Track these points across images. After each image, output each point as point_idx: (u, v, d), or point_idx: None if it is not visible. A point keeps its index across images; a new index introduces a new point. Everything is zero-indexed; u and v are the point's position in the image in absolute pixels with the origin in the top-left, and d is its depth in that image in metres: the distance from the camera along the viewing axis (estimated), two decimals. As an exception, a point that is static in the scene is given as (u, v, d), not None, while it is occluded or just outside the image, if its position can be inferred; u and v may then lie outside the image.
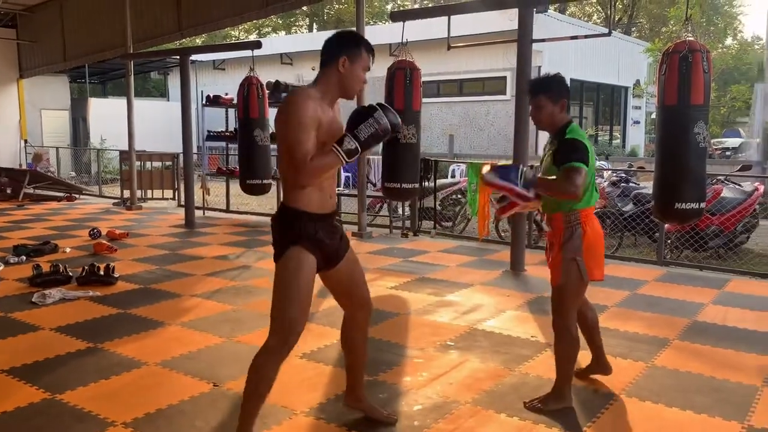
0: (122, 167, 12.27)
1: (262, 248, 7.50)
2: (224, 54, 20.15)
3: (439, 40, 7.56)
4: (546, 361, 3.93)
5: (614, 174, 8.99)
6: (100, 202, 12.56)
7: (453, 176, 11.75)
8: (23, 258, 6.69)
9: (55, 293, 5.25)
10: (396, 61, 6.32)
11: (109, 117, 18.07)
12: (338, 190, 2.96)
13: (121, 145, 12.80)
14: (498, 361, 3.93)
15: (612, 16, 18.32)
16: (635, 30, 33.29)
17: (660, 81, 4.65)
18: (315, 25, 36.31)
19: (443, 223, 9.15)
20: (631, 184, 8.62)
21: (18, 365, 3.82)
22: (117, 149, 13.76)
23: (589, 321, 3.51)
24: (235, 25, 23.77)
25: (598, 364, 3.58)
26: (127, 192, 11.63)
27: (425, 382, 3.60)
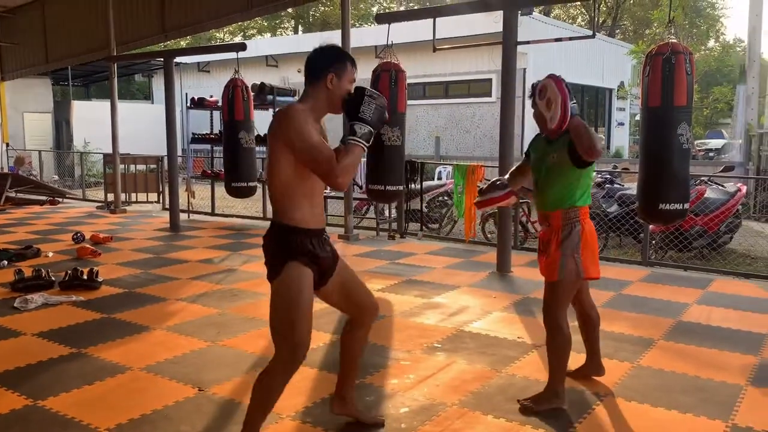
0: (106, 170, 12.17)
1: (248, 251, 7.47)
2: (209, 56, 20.02)
3: (425, 42, 7.56)
4: (533, 362, 3.94)
5: (599, 175, 9.04)
6: (84, 205, 12.45)
7: (439, 178, 11.78)
8: (5, 263, 6.59)
9: (37, 298, 5.18)
10: (381, 63, 6.32)
11: (92, 120, 17.93)
12: (324, 192, 2.95)
13: (105, 148, 12.69)
14: (485, 362, 3.93)
15: (596, 19, 18.43)
16: (619, 32, 33.55)
17: (644, 83, 4.69)
18: (300, 27, 36.26)
19: (430, 225, 9.16)
20: (615, 186, 8.68)
21: (-1, 371, 3.77)
22: (101, 152, 13.64)
23: (592, 321, 3.54)
24: (220, 27, 23.77)
25: (592, 365, 3.59)
26: (111, 195, 11.53)
27: (412, 385, 3.59)
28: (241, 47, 8.33)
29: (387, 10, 28.56)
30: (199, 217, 10.57)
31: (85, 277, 5.66)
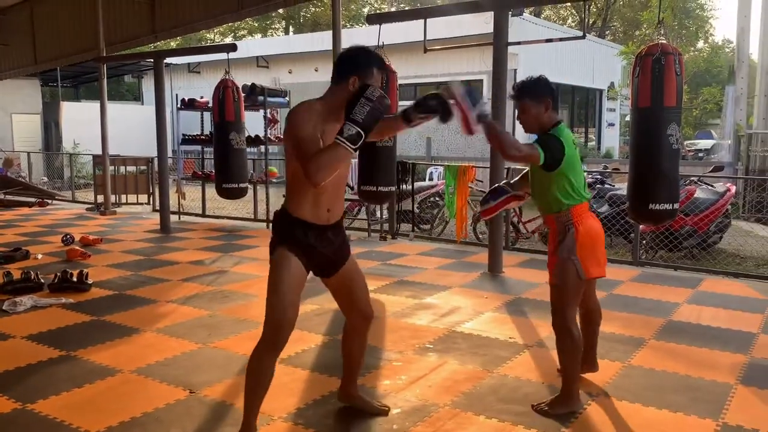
0: (96, 172, 12.10)
1: (239, 253, 7.44)
2: (199, 57, 19.93)
3: (417, 43, 7.56)
4: (524, 363, 3.95)
5: (589, 176, 9.07)
6: (73, 207, 12.36)
7: (431, 179, 11.79)
8: (-7, 265, 6.55)
9: (26, 301, 5.14)
10: (372, 63, 6.30)
11: (82, 121, 17.82)
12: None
13: (95, 150, 12.62)
14: (477, 363, 3.93)
15: (586, 20, 18.54)
16: (609, 33, 33.70)
17: (633, 83, 4.71)
18: (291, 28, 36.20)
19: (421, 226, 9.17)
20: (606, 186, 8.72)
21: (-12, 375, 3.73)
22: (90, 153, 13.56)
23: (593, 316, 3.56)
24: (210, 28, 23.67)
25: (587, 359, 3.59)
26: (101, 197, 11.46)
27: (404, 386, 3.59)
28: (232, 48, 8.31)
29: (378, 11, 28.56)
30: (190, 219, 10.51)
31: (74, 279, 5.62)
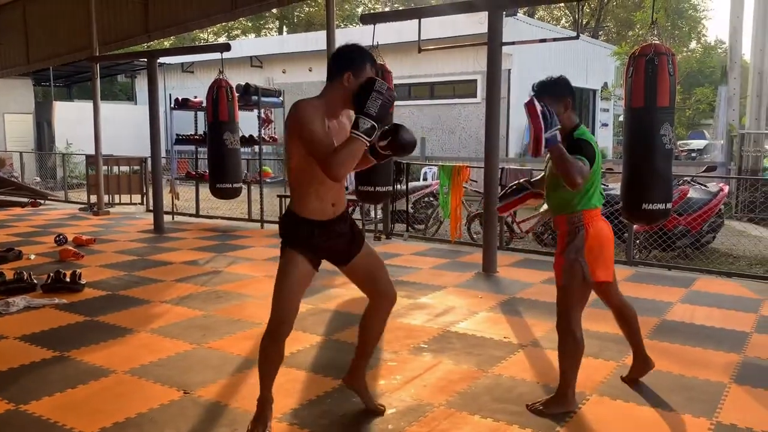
0: (89, 172, 12.04)
1: (233, 253, 7.42)
2: (193, 57, 19.88)
3: (411, 43, 7.58)
4: (519, 362, 3.95)
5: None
6: (66, 207, 12.31)
7: (425, 179, 11.78)
8: (-14, 265, 6.52)
9: (19, 301, 5.11)
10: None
11: (74, 121, 17.74)
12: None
13: (88, 150, 12.56)
14: (471, 362, 3.94)
15: (580, 20, 18.57)
16: (603, 34, 33.80)
17: (627, 84, 4.73)
18: (285, 28, 36.14)
19: (416, 226, 9.17)
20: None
21: (-20, 376, 3.71)
22: (83, 153, 13.51)
23: (627, 316, 3.55)
24: (204, 28, 23.64)
25: (638, 361, 3.59)
26: (94, 197, 11.40)
27: (399, 385, 3.59)
28: (226, 48, 8.29)
29: (372, 11, 28.56)
30: (184, 219, 10.49)
31: (67, 279, 5.59)
